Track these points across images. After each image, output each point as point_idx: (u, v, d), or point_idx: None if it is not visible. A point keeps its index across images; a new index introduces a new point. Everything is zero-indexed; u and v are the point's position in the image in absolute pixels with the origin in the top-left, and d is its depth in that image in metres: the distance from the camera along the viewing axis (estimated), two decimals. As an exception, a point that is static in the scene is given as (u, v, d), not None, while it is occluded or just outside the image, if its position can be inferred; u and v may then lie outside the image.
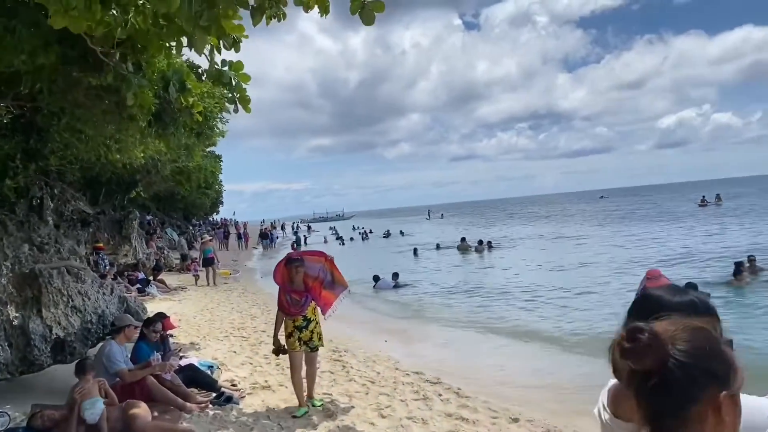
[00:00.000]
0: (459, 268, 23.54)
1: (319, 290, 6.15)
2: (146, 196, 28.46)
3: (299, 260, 6.09)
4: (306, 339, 6.08)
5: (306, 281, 6.06)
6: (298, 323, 6.04)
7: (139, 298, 15.92)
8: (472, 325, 12.15)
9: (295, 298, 5.99)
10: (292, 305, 6.01)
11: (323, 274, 6.20)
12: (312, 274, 6.13)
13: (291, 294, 6.00)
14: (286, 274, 6.03)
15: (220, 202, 79.58)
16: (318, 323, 6.22)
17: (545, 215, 68.03)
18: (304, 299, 6.00)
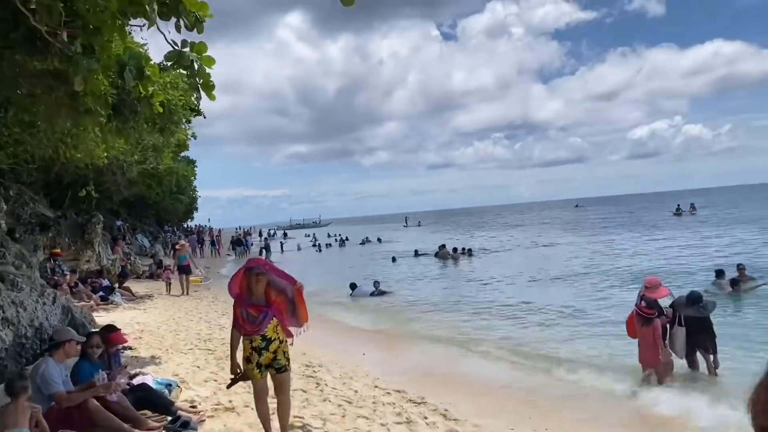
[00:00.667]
0: (439, 276, 22.96)
1: (284, 307, 4.99)
2: (116, 200, 27.41)
3: (261, 268, 4.95)
4: (267, 362, 4.97)
5: (268, 294, 4.91)
6: (256, 344, 4.90)
7: (102, 306, 15.05)
8: (456, 337, 11.49)
9: (252, 314, 4.83)
10: (248, 322, 4.85)
11: (291, 295, 5.04)
12: (278, 288, 4.98)
13: (248, 308, 4.85)
14: (244, 284, 4.89)
15: (194, 209, 78.20)
16: (283, 341, 5.06)
17: (523, 224, 67.89)
18: (263, 315, 4.82)
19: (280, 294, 4.96)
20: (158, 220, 59.09)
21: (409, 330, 12.20)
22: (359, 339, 11.37)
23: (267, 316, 4.84)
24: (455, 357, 9.85)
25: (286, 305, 4.99)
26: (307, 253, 43.83)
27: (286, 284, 4.99)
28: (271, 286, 4.92)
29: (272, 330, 4.90)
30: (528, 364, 9.20)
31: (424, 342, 11.06)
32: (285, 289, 4.98)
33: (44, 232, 15.09)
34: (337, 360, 9.05)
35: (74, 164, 13.98)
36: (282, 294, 4.97)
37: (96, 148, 12.80)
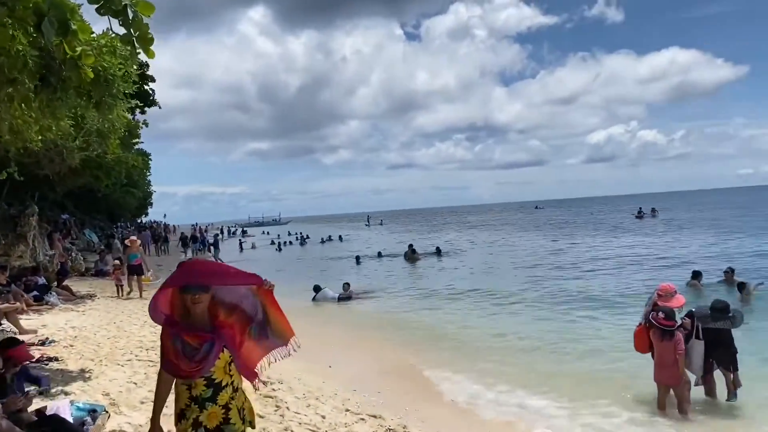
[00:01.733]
0: (409, 277, 21.79)
1: (240, 336, 3.20)
2: (60, 191, 25.49)
3: (201, 284, 3.03)
4: (213, 425, 3.07)
5: (215, 313, 3.12)
6: (197, 391, 3.07)
7: (35, 307, 13.49)
8: (436, 345, 10.35)
9: (190, 345, 3.01)
10: (183, 358, 3.00)
11: (252, 308, 3.23)
12: (230, 302, 3.18)
13: (183, 337, 3.02)
14: (177, 303, 3.10)
15: (149, 204, 75.72)
16: (239, 389, 3.29)
17: (485, 224, 67.54)
18: (208, 347, 3.02)
19: (233, 312, 3.16)
20: (110, 215, 56.70)
21: (380, 339, 10.98)
22: (325, 349, 10.17)
23: (213, 347, 3.01)
24: (440, 368, 8.73)
25: (245, 327, 3.19)
26: (266, 252, 42.26)
27: (245, 293, 3.19)
28: (218, 302, 3.13)
29: (222, 370, 3.12)
30: (517, 381, 8.19)
31: (402, 353, 9.89)
32: (241, 302, 3.19)
33: (-30, 224, 13.46)
34: (301, 375, 7.86)
35: (3, 146, 12.36)
36: (237, 311, 3.17)
37: (28, 130, 11.32)
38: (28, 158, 14.50)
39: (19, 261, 14.37)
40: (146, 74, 51.74)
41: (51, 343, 9.22)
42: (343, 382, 7.65)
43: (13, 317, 9.93)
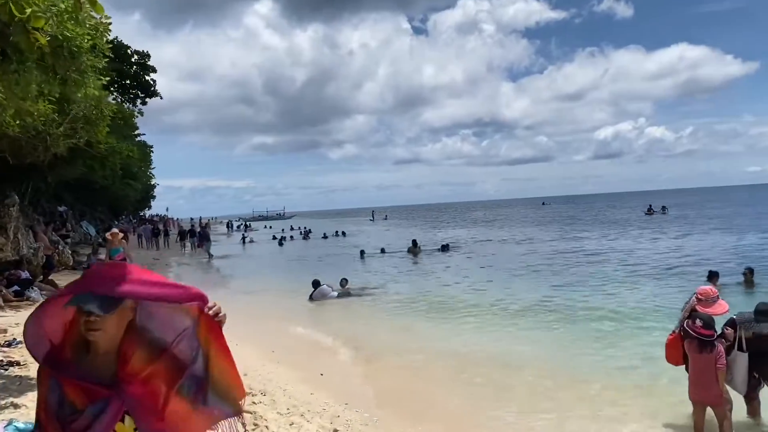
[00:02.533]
0: (413, 274, 20.87)
1: (164, 397, 1.90)
2: (51, 181, 24.72)
3: (102, 298, 1.80)
4: None
5: (126, 355, 1.89)
6: None
7: (14, 303, 12.75)
8: (442, 351, 9.37)
9: (70, 402, 1.84)
10: (56, 419, 1.86)
11: (189, 351, 1.97)
12: (159, 338, 1.96)
13: (65, 387, 1.86)
14: (74, 329, 1.90)
15: (151, 197, 75.25)
16: None
17: (491, 220, 66.61)
18: (98, 409, 1.82)
19: (159, 355, 1.92)
20: (112, 208, 56.11)
21: (381, 343, 10.07)
22: (317, 353, 9.35)
23: (106, 411, 1.82)
24: (446, 380, 7.85)
25: (175, 381, 1.92)
26: (267, 246, 41.50)
27: (184, 325, 1.97)
28: (138, 336, 1.93)
29: None
30: (534, 387, 7.33)
31: (399, 360, 9.03)
32: (176, 341, 1.95)
33: (-55, 214, 12.66)
34: (288, 384, 7.04)
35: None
36: (165, 355, 1.93)
37: (2, 112, 10.51)
38: (7, 145, 13.72)
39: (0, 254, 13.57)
40: (147, 65, 51.07)
41: (17, 345, 8.42)
42: (335, 393, 6.81)
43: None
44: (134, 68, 48.60)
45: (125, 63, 47.41)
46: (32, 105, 10.37)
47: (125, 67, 47.26)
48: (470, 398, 6.88)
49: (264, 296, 16.38)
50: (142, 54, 49.11)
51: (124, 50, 47.21)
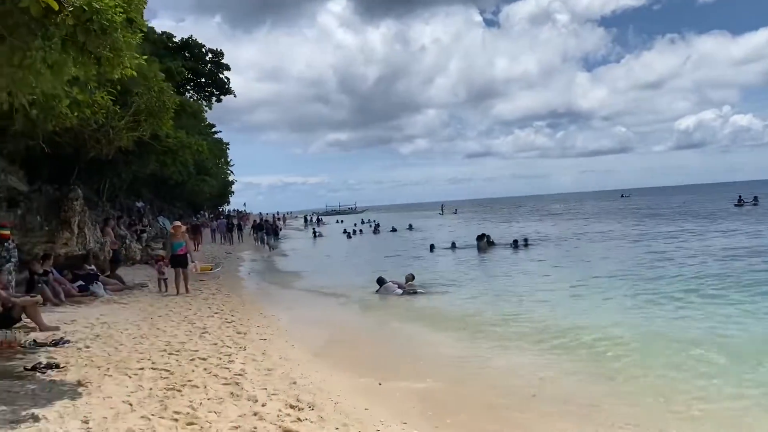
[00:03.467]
0: (485, 271, 19.69)
1: None
2: (125, 177, 25.10)
3: None
4: None
5: None
6: None
7: (77, 299, 12.62)
8: (515, 366, 8.33)
9: None
10: None
11: None
12: None
13: None
14: None
15: (229, 193, 77.06)
16: None
17: (568, 212, 64.00)
18: None
19: None
20: (191, 203, 57.64)
21: (444, 348, 9.09)
22: (379, 357, 8.51)
23: None
24: (524, 398, 6.84)
25: None
26: (337, 240, 41.20)
27: None
28: None
29: None
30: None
31: (472, 368, 8.05)
32: None
33: (12, 209, 12.66)
34: (341, 395, 6.22)
35: (39, 126, 11.41)
36: None
37: (57, 103, 10.26)
38: (71, 139, 13.64)
39: (64, 249, 13.52)
40: (221, 63, 51.82)
41: (64, 344, 8.04)
42: (394, 408, 5.95)
43: (33, 311, 8.85)
44: (209, 66, 49.59)
45: (200, 62, 48.38)
46: (80, 93, 10.06)
47: (200, 65, 48.25)
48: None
49: (326, 293, 15.70)
50: (216, 52, 49.95)
51: (199, 49, 48.18)
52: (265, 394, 6.10)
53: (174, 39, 44.13)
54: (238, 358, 7.60)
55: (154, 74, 14.37)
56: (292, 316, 11.82)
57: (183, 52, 44.57)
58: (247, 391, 6.14)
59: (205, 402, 5.75)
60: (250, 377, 6.72)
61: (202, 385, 6.33)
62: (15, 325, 8.84)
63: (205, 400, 5.83)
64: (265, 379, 6.70)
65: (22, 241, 12.80)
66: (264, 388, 6.29)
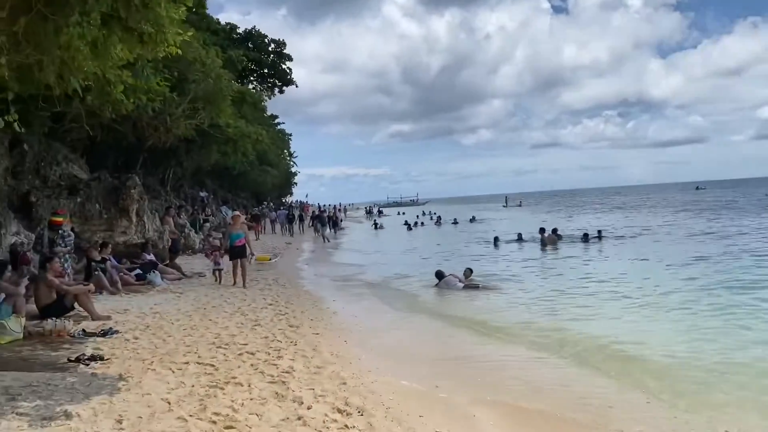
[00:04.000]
0: (551, 266, 18.67)
1: None
2: (188, 167, 25.45)
3: None
4: None
5: None
6: None
7: (136, 287, 12.59)
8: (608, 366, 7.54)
9: None
10: None
11: None
12: None
13: None
14: None
15: (292, 184, 77.99)
16: None
17: (640, 206, 61.25)
18: None
19: None
20: (255, 194, 58.59)
21: (513, 349, 8.43)
22: (434, 360, 7.90)
23: None
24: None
25: None
26: (398, 232, 40.72)
27: None
28: None
29: None
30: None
31: (541, 376, 7.34)
32: None
33: (72, 196, 12.74)
34: (393, 399, 5.67)
35: (96, 112, 11.36)
36: None
37: (113, 88, 10.13)
38: (130, 127, 13.63)
39: (123, 237, 13.54)
40: (283, 53, 52.05)
41: (113, 334, 7.83)
42: (452, 417, 5.35)
43: (85, 299, 8.72)
44: (271, 57, 49.99)
45: (263, 52, 48.82)
46: (130, 77, 9.86)
47: (263, 56, 48.69)
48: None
49: (384, 286, 15.18)
50: (278, 42, 50.32)
51: (262, 39, 48.61)
52: (311, 395, 5.63)
53: (237, 30, 44.65)
54: (287, 354, 7.17)
55: (212, 60, 14.20)
56: (347, 310, 11.36)
57: (246, 43, 45.03)
58: (293, 392, 5.68)
59: (247, 402, 5.32)
60: (298, 375, 6.27)
61: (246, 383, 5.91)
62: (68, 314, 8.76)
63: (248, 401, 5.40)
64: (314, 378, 6.23)
65: (81, 228, 12.91)
66: (311, 389, 5.82)
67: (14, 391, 5.29)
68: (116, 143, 17.77)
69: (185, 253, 17.58)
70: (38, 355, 6.73)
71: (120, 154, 21.50)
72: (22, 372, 5.96)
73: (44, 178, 12.86)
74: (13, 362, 6.40)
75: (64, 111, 10.46)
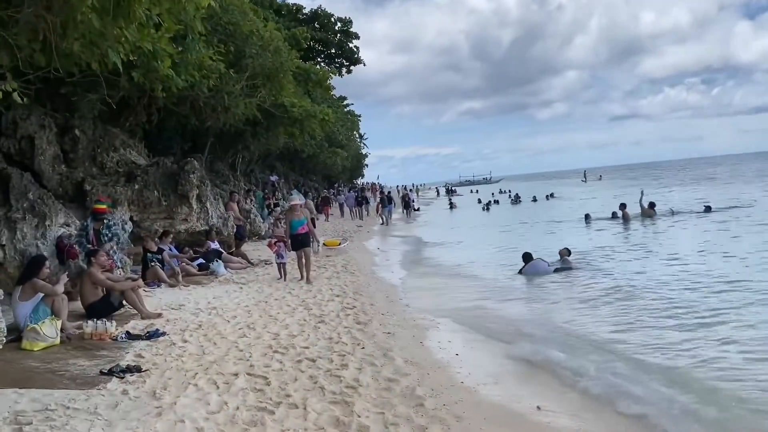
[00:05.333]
0: (657, 243, 16.68)
1: None
2: (254, 150, 24.78)
3: None
4: None
5: None
6: None
7: (198, 278, 11.87)
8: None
9: None
10: None
11: None
12: None
13: None
14: None
15: (364, 165, 77.50)
16: None
17: (739, 177, 56.63)
18: None
19: None
20: (327, 177, 58.32)
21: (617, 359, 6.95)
22: (531, 367, 6.55)
23: None
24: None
25: None
26: (474, 212, 39.12)
27: None
28: None
29: None
30: None
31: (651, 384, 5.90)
32: None
33: (129, 183, 12.08)
34: (479, 419, 4.42)
35: (146, 90, 10.56)
36: None
37: (159, 65, 9.24)
38: (189, 108, 12.81)
39: (184, 225, 12.81)
40: (350, 32, 51.00)
41: (160, 336, 6.94)
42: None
43: (132, 296, 7.90)
44: (338, 36, 49.04)
45: (329, 32, 47.94)
46: (172, 48, 8.90)
47: (329, 35, 47.81)
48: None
49: (463, 274, 13.84)
50: (344, 21, 49.29)
51: (328, 19, 47.69)
52: (380, 422, 4.47)
53: (303, 10, 43.88)
54: (353, 361, 6.04)
55: (270, 33, 13.17)
56: (422, 302, 10.16)
57: (312, 24, 44.21)
58: (358, 418, 4.55)
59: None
60: (365, 392, 5.12)
61: (302, 404, 4.83)
62: (116, 312, 7.98)
63: (301, 431, 4.29)
64: (384, 396, 5.06)
65: (140, 217, 12.24)
66: (381, 412, 4.67)
67: (25, 418, 4.40)
68: (180, 128, 17.17)
69: (251, 239, 16.85)
70: (70, 366, 5.87)
71: (185, 139, 21.03)
72: (44, 389, 5.10)
73: (101, 164, 12.26)
74: (39, 376, 5.56)
75: (110, 93, 9.63)
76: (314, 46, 45.61)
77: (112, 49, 7.99)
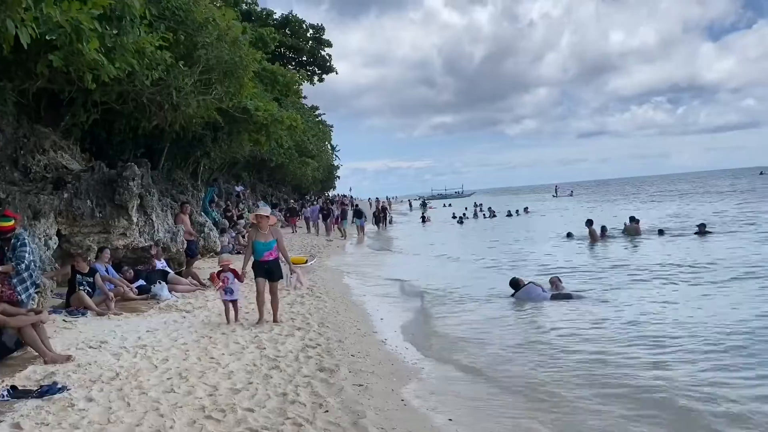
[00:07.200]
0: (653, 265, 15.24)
1: None
2: (215, 158, 22.92)
3: None
4: None
5: None
6: None
7: (135, 303, 10.14)
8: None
9: None
10: None
11: None
12: None
13: None
14: None
15: (335, 177, 75.81)
16: None
17: (708, 193, 56.63)
18: None
19: None
20: (297, 188, 56.43)
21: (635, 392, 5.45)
22: (538, 411, 5.03)
23: None
24: None
25: None
26: (447, 226, 37.75)
27: None
28: None
29: None
30: None
31: None
32: None
33: (58, 191, 10.27)
34: None
35: (67, 76, 8.83)
36: None
37: (84, 46, 7.54)
38: (133, 107, 11.05)
39: (123, 240, 11.04)
40: (322, 39, 49.47)
41: (56, 393, 5.22)
42: None
43: (31, 334, 6.14)
44: (310, 43, 47.56)
45: (301, 38, 46.40)
46: (94, 23, 7.23)
47: (301, 42, 46.26)
48: None
49: (447, 299, 12.26)
50: (316, 28, 47.84)
51: (299, 25, 46.19)
52: None
53: (274, 16, 42.33)
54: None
55: (227, 22, 11.51)
56: (402, 335, 8.60)
57: (284, 29, 42.70)
58: None
59: None
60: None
61: None
62: (11, 354, 6.24)
63: None
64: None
65: (70, 231, 10.46)
66: None
67: None
68: (131, 131, 15.32)
69: (206, 256, 15.10)
70: None
71: (138, 144, 19.14)
72: None
73: (24, 169, 10.43)
74: None
75: (26, 81, 7.88)
76: (285, 52, 44.09)
77: (11, 18, 6.36)
